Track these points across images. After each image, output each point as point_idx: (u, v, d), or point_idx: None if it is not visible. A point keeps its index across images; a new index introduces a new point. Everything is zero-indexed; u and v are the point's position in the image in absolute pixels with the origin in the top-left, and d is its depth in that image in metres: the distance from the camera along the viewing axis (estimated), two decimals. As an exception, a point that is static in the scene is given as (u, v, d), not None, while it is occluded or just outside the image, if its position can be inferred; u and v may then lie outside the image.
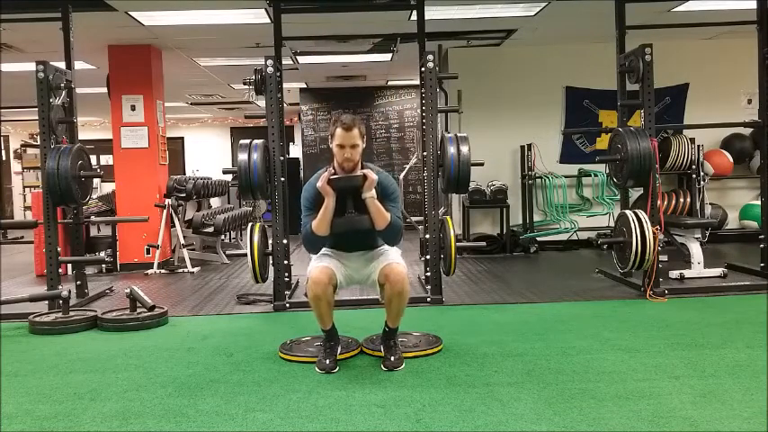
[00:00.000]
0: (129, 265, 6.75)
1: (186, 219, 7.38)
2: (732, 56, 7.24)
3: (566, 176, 7.44)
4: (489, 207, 7.39)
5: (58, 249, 4.70)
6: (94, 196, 6.88)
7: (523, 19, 6.32)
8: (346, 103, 10.60)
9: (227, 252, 7.35)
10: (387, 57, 7.90)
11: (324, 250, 3.35)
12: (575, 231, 7.41)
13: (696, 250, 5.28)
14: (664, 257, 5.20)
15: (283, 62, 5.51)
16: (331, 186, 3.15)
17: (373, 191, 3.17)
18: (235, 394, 2.87)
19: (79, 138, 5.19)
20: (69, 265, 6.05)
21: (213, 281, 6.02)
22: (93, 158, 7.63)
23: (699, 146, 6.98)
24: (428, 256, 4.74)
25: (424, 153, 4.72)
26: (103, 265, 6.51)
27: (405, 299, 3.20)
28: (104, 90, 6.99)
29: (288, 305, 4.65)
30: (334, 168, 3.25)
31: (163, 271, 6.60)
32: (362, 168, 3.23)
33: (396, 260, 3.25)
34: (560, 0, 5.67)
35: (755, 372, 2.96)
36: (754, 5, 5.19)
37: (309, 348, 3.45)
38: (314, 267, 3.22)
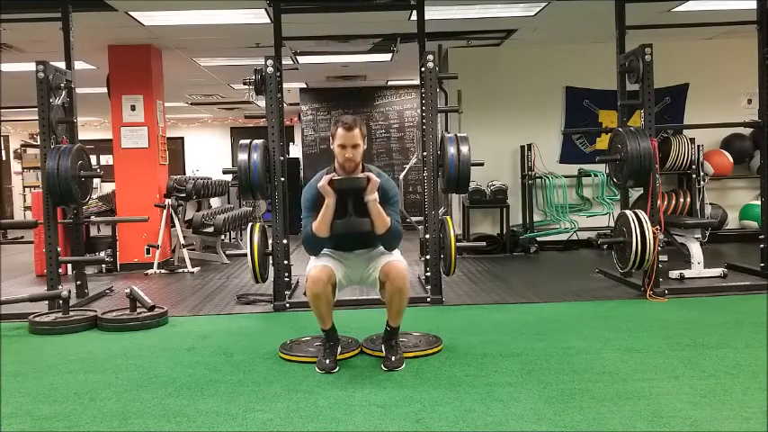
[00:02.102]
0: (129, 265, 6.75)
1: (186, 219, 7.38)
2: (732, 56, 7.24)
3: (566, 176, 7.44)
4: (489, 207, 7.39)
5: (58, 249, 4.70)
6: (94, 196, 6.88)
7: (523, 19, 6.32)
8: (346, 103, 10.60)
9: (227, 252, 7.35)
10: (387, 57, 7.90)
11: (324, 250, 3.34)
12: (575, 231, 7.41)
13: (696, 250, 5.28)
14: (664, 257, 5.19)
15: (283, 62, 5.51)
16: (332, 187, 3.12)
17: (376, 194, 3.14)
18: (235, 394, 2.86)
19: (79, 138, 5.19)
20: (69, 265, 6.05)
21: (213, 281, 6.02)
22: (93, 158, 7.64)
23: (699, 146, 6.99)
24: (428, 256, 4.74)
25: (424, 153, 4.71)
26: (103, 265, 6.51)
27: (405, 296, 3.20)
28: (104, 90, 6.99)
29: (288, 305, 4.65)
30: (335, 169, 3.25)
31: (163, 271, 6.60)
32: (363, 170, 3.22)
33: (397, 258, 3.26)
34: (560, 0, 5.67)
35: (755, 372, 2.96)
36: (754, 5, 5.19)
37: (309, 348, 3.45)
38: (313, 267, 3.22)
